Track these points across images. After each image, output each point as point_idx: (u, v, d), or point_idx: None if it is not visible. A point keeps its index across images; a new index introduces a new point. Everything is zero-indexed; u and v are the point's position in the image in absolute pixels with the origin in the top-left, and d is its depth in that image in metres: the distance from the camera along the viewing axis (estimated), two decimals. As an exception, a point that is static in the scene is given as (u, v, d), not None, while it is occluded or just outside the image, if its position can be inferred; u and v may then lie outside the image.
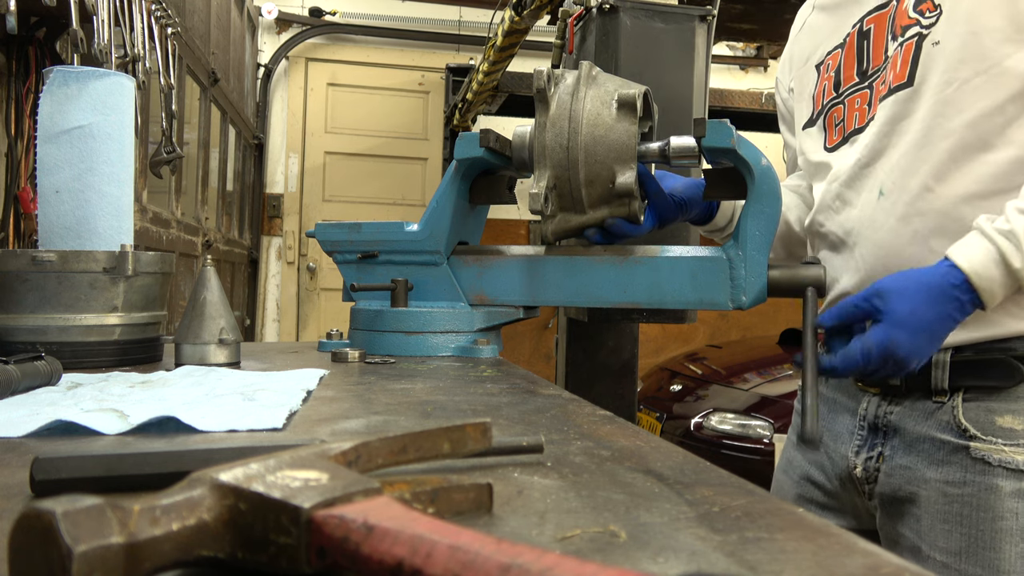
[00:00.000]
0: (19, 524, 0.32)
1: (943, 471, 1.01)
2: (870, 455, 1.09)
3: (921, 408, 1.04)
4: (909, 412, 1.05)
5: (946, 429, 1.01)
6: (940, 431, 1.02)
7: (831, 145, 1.15)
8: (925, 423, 1.03)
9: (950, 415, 1.01)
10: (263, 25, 5.54)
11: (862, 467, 1.10)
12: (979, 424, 0.99)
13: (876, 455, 1.09)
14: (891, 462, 1.07)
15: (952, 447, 1.00)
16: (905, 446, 1.05)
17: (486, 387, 0.94)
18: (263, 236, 5.62)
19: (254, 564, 0.35)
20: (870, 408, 1.10)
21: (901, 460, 1.05)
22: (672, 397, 3.94)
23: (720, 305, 1.15)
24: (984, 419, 0.99)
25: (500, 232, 5.65)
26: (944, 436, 1.01)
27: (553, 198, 1.14)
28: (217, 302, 1.12)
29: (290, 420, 0.73)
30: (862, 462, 1.10)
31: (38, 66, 2.32)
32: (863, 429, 1.11)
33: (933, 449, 1.02)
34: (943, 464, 1.01)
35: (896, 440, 1.07)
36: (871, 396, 1.11)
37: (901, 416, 1.06)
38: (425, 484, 0.44)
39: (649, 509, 0.47)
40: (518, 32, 3.33)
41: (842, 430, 1.15)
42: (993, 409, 0.99)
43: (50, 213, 1.16)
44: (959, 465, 0.99)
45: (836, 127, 1.14)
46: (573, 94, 1.12)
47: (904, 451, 1.05)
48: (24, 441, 0.63)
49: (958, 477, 0.99)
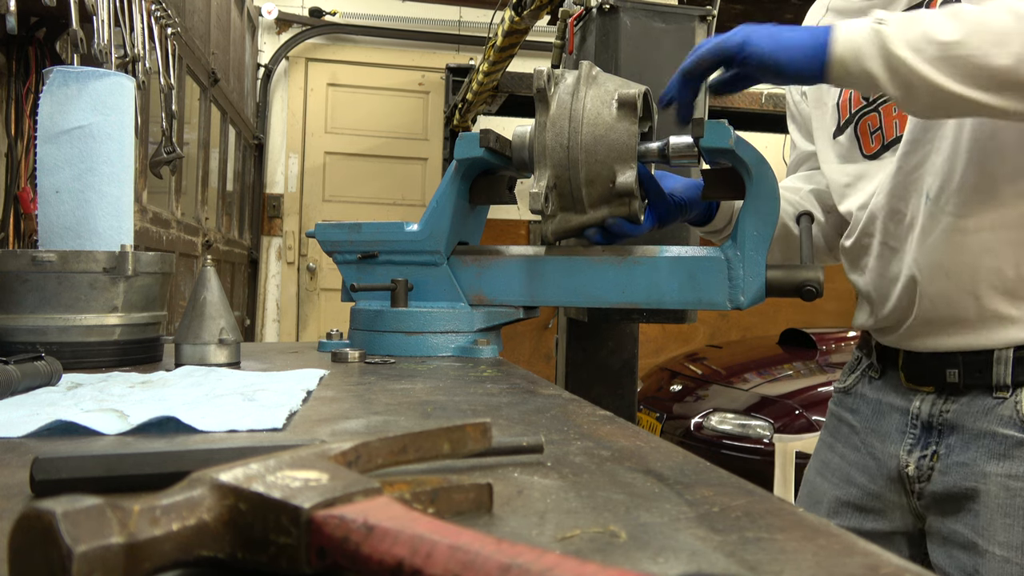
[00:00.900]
0: (19, 524, 0.32)
1: (1005, 465, 1.00)
2: (924, 453, 1.09)
3: (980, 404, 1.04)
4: (967, 409, 1.05)
5: (1008, 424, 1.01)
6: (1002, 426, 1.01)
7: (870, 152, 1.13)
8: (985, 419, 1.03)
9: (1013, 410, 1.01)
10: (263, 25, 5.55)
11: (915, 465, 1.09)
12: None
13: (930, 453, 1.08)
14: (947, 460, 1.06)
15: (1015, 441, 1.00)
16: (963, 443, 1.05)
17: (486, 387, 0.94)
18: (263, 236, 5.62)
19: (254, 564, 0.35)
20: (924, 407, 1.10)
21: (958, 457, 1.05)
22: (672, 397, 3.95)
23: (718, 305, 1.15)
24: None
25: (500, 232, 5.65)
26: (1006, 431, 1.01)
27: (553, 198, 1.14)
28: (217, 302, 1.12)
29: (290, 420, 0.73)
30: (915, 460, 1.09)
31: (38, 66, 2.32)
32: (916, 428, 1.10)
33: (994, 444, 1.02)
34: (1005, 458, 1.01)
35: (953, 438, 1.06)
36: (924, 395, 1.10)
37: (959, 414, 1.06)
38: (425, 484, 0.44)
39: (649, 509, 0.47)
40: (518, 32, 3.33)
41: (890, 429, 1.14)
42: None
43: (50, 213, 1.16)
44: (1022, 459, 0.99)
45: (873, 134, 1.13)
46: (573, 94, 1.12)
47: (962, 448, 1.05)
48: (24, 441, 0.63)
49: (1021, 471, 0.99)
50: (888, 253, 1.11)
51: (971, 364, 1.04)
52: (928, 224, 1.04)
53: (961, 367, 1.05)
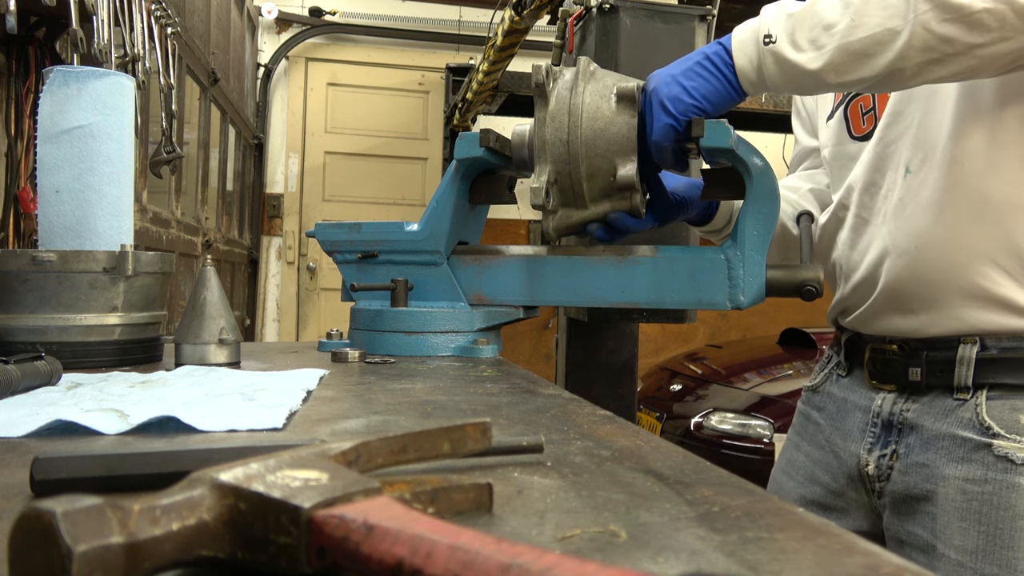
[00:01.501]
0: (19, 524, 0.32)
1: (963, 468, 1.00)
2: (883, 452, 1.09)
3: (941, 405, 1.04)
4: (928, 409, 1.05)
5: (968, 426, 1.00)
6: (961, 428, 1.01)
7: (860, 134, 1.13)
8: (945, 420, 1.03)
9: (973, 412, 1.00)
10: (263, 25, 5.55)
11: (874, 464, 1.09)
12: (1003, 422, 0.98)
13: (890, 452, 1.08)
14: (906, 460, 1.06)
15: (974, 444, 0.99)
16: (922, 443, 1.04)
17: (486, 387, 0.94)
18: (263, 236, 5.62)
19: (254, 564, 0.35)
20: (884, 405, 1.10)
21: (918, 458, 1.05)
22: (672, 397, 3.94)
23: (718, 305, 1.15)
24: (1009, 417, 0.98)
25: (500, 232, 5.65)
26: (966, 433, 1.00)
27: (554, 193, 1.14)
28: (217, 302, 1.12)
29: (290, 420, 0.73)
30: (875, 460, 1.10)
31: (38, 66, 2.32)
32: (876, 426, 1.10)
33: (953, 446, 1.01)
34: (963, 461, 1.00)
35: (912, 437, 1.06)
36: (886, 393, 1.10)
37: (919, 413, 1.06)
38: (425, 484, 0.44)
39: (649, 509, 0.47)
40: (518, 32, 3.33)
41: (852, 428, 1.14)
42: (1018, 407, 0.98)
43: (50, 213, 1.16)
44: (980, 463, 0.99)
45: (865, 115, 1.13)
46: (572, 89, 1.12)
47: (921, 448, 1.04)
48: (24, 441, 0.63)
49: (979, 475, 0.98)
50: (860, 225, 1.11)
51: (934, 363, 1.04)
52: (905, 196, 1.04)
53: (924, 366, 1.05)
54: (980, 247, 0.99)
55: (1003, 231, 0.98)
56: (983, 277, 0.99)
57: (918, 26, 0.87)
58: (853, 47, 0.91)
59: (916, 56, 0.89)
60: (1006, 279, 0.98)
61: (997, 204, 0.98)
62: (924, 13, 0.87)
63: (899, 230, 1.04)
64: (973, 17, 0.85)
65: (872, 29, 0.90)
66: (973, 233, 0.98)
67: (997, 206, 0.98)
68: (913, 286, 1.04)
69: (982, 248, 0.99)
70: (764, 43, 0.97)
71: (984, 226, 0.98)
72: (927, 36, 0.87)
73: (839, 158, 1.17)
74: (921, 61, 0.89)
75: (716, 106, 1.02)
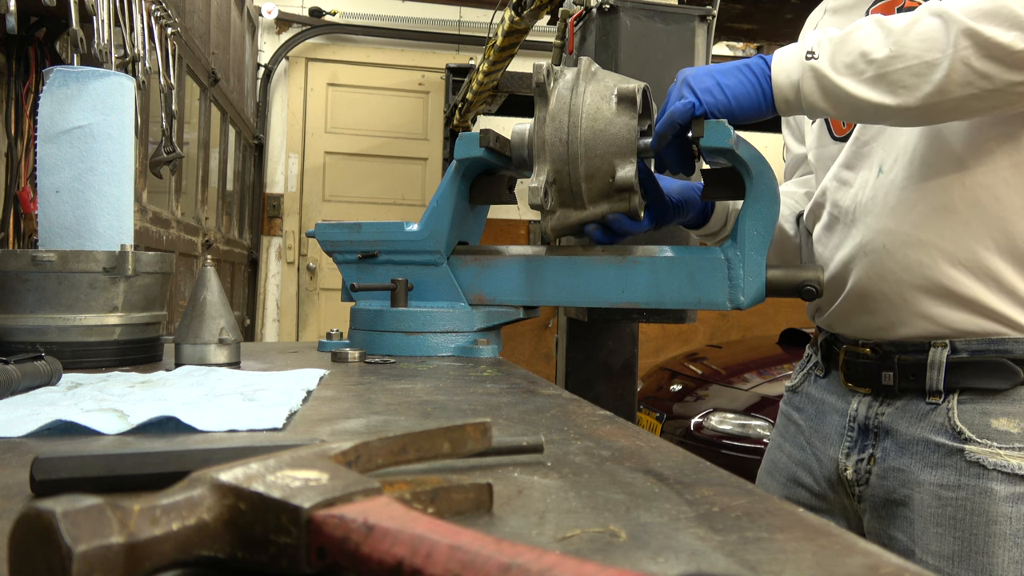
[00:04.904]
0: (19, 524, 0.32)
1: (937, 474, 1.00)
2: (861, 457, 1.09)
3: (914, 409, 1.04)
4: (902, 413, 1.05)
5: (940, 431, 1.00)
6: (934, 433, 1.01)
7: (841, 135, 1.14)
8: (919, 425, 1.03)
9: (945, 417, 1.00)
10: (263, 25, 5.55)
11: (853, 469, 1.09)
12: (974, 427, 0.98)
13: (867, 457, 1.08)
14: (883, 464, 1.06)
15: (947, 450, 0.99)
16: (898, 448, 1.04)
17: (486, 387, 0.94)
18: (263, 236, 5.62)
19: (254, 564, 0.35)
20: (860, 408, 1.10)
21: (894, 462, 1.04)
22: (672, 397, 3.94)
23: (718, 305, 1.15)
24: (980, 422, 0.98)
25: (500, 232, 5.65)
26: (938, 438, 1.00)
27: (553, 193, 1.14)
28: (217, 302, 1.12)
29: (290, 420, 0.73)
30: (853, 464, 1.09)
31: (38, 66, 2.32)
32: (853, 430, 1.10)
33: (927, 451, 1.01)
34: (937, 467, 1.00)
35: (888, 442, 1.06)
36: (862, 396, 1.10)
37: (893, 417, 1.05)
38: (425, 484, 0.44)
39: (649, 509, 0.47)
40: (518, 32, 3.33)
41: (831, 431, 1.14)
42: (989, 412, 0.98)
43: (50, 213, 1.16)
44: (953, 468, 0.98)
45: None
46: (572, 89, 1.12)
47: (897, 453, 1.04)
48: (24, 441, 0.63)
49: (952, 480, 0.98)
50: (833, 223, 1.12)
51: (906, 367, 1.04)
52: (876, 196, 1.04)
53: (896, 369, 1.05)
54: (947, 248, 0.99)
55: (969, 233, 0.98)
56: (948, 279, 0.99)
57: (957, 61, 0.87)
58: (890, 77, 0.91)
59: (955, 90, 0.89)
60: (971, 280, 0.98)
61: (964, 206, 0.98)
62: (964, 49, 0.87)
63: (869, 229, 1.05)
64: (1015, 57, 0.86)
65: (910, 61, 0.90)
66: (940, 234, 0.98)
67: (964, 208, 0.98)
68: (881, 284, 1.04)
69: (949, 249, 0.99)
70: (806, 58, 0.97)
71: (951, 228, 0.98)
72: (966, 71, 0.87)
73: (822, 159, 1.18)
74: (960, 96, 0.89)
75: (744, 109, 1.01)
